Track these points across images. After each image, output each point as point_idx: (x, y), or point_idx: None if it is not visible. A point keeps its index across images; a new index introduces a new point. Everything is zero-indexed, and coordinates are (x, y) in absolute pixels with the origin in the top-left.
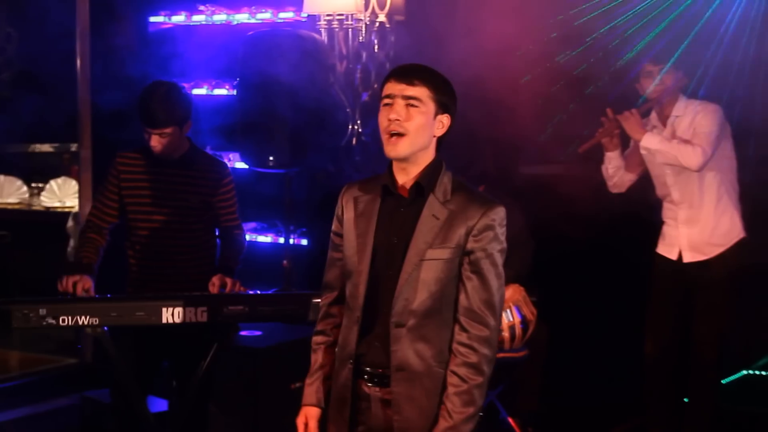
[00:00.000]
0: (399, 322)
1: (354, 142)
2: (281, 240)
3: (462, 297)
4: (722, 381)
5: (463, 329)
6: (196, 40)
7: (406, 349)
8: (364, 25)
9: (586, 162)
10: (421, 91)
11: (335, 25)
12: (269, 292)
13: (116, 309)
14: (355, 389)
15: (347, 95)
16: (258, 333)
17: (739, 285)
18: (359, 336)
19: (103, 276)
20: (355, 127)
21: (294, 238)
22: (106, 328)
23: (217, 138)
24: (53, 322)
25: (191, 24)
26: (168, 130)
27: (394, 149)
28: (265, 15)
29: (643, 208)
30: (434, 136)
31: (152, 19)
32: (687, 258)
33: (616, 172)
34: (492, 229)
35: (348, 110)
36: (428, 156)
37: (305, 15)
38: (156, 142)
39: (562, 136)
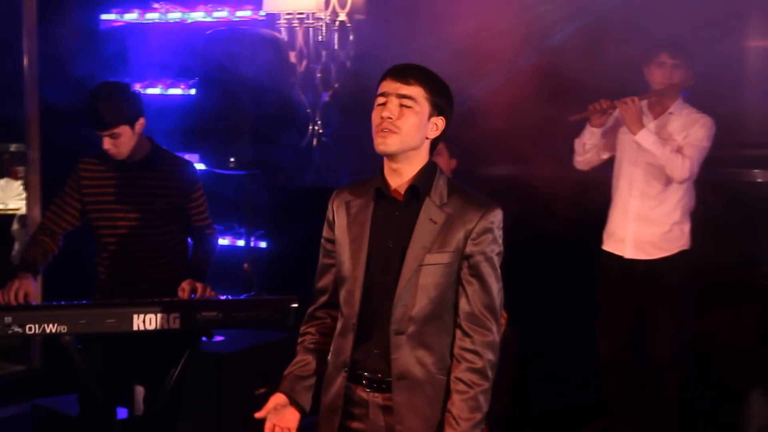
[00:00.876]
0: (399, 330)
1: (315, 143)
2: (241, 243)
3: (463, 302)
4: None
5: (467, 334)
6: (149, 39)
7: (406, 357)
8: (324, 24)
9: (553, 162)
10: (416, 91)
11: (296, 24)
12: (242, 297)
13: (85, 316)
14: (349, 395)
15: (308, 95)
16: (221, 338)
17: (686, 289)
18: (355, 343)
19: (71, 285)
20: (316, 127)
21: (254, 241)
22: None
23: (174, 139)
24: (19, 330)
25: (144, 22)
26: (117, 130)
27: (383, 143)
28: (222, 13)
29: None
30: (427, 138)
31: (103, 16)
32: (628, 254)
33: (591, 149)
34: (491, 232)
35: (309, 110)
36: (421, 158)
37: (264, 13)
38: (109, 144)
39: (528, 136)
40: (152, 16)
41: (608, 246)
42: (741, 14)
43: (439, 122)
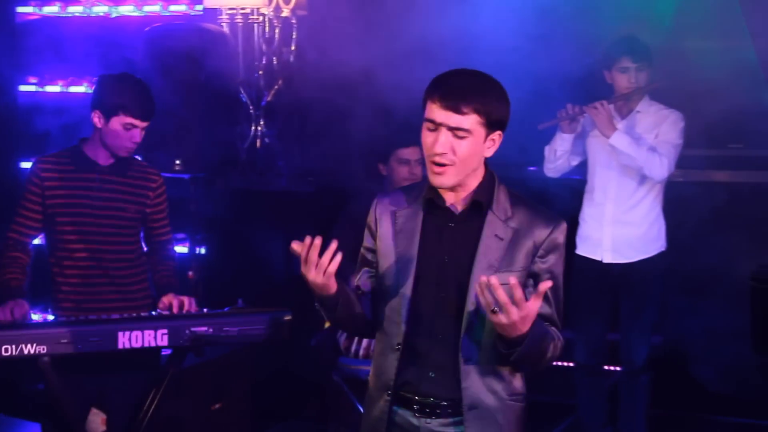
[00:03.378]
0: (468, 357)
1: (258, 144)
2: (183, 249)
3: None
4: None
5: None
6: (71, 33)
7: (477, 386)
8: (267, 20)
9: None
10: (470, 120)
11: (238, 20)
12: (226, 310)
13: (66, 335)
14: (393, 419)
15: (250, 95)
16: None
17: (661, 291)
18: (401, 364)
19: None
20: (258, 128)
21: (197, 248)
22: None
23: None
24: None
25: (65, 15)
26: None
27: (439, 179)
28: (154, 8)
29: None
30: (485, 156)
31: (19, 9)
32: (607, 259)
33: (562, 155)
34: (559, 249)
35: (251, 110)
36: (478, 175)
37: (201, 8)
38: (138, 137)
39: None
40: (75, 10)
41: (583, 250)
42: None
43: (497, 137)
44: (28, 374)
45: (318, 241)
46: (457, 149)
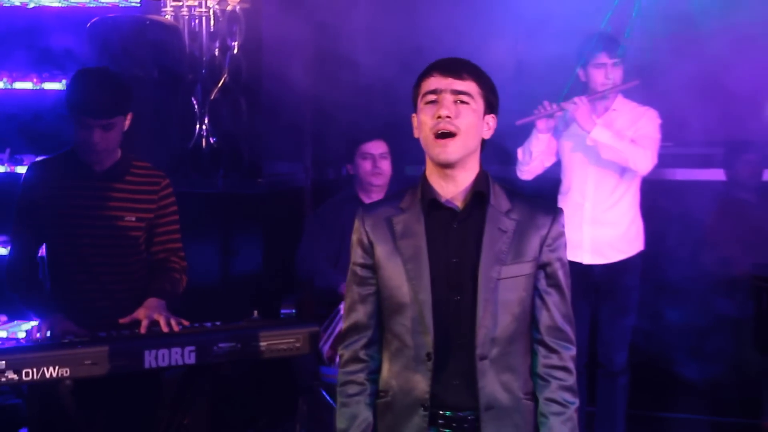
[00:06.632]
0: (483, 354)
1: (203, 144)
2: None
3: (544, 315)
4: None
5: (552, 350)
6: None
7: (493, 384)
8: (212, 13)
9: None
10: (471, 86)
11: (184, 13)
12: (240, 323)
13: (90, 356)
14: None
15: (195, 92)
16: None
17: (639, 293)
18: (434, 375)
19: None
20: (203, 126)
21: None
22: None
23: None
24: (15, 377)
25: None
26: (113, 121)
27: (444, 151)
28: None
29: None
30: (483, 138)
31: None
32: (587, 260)
33: (538, 156)
34: (563, 236)
35: (196, 109)
36: (476, 162)
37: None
38: (99, 137)
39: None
40: None
41: None
42: None
43: (491, 121)
44: None
45: None
46: (461, 114)
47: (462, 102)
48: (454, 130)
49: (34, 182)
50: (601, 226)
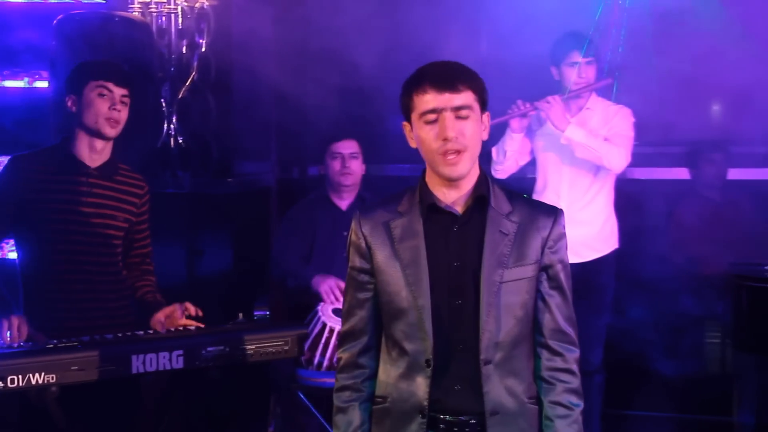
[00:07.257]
0: (487, 359)
1: (172, 144)
2: None
3: (546, 317)
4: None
5: (556, 353)
6: None
7: (497, 389)
8: (180, 10)
9: None
10: (468, 97)
11: (152, 9)
12: (228, 326)
13: (77, 362)
14: None
15: (164, 90)
16: None
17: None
18: (432, 381)
19: None
20: (172, 125)
21: None
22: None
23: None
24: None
25: None
26: (130, 94)
27: (455, 169)
28: None
29: None
30: (483, 140)
31: None
32: None
33: (512, 155)
34: (564, 237)
35: (164, 108)
36: (477, 164)
37: None
38: (120, 106)
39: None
40: None
41: None
42: None
43: (485, 118)
44: None
45: None
46: (465, 130)
47: (462, 118)
48: (462, 148)
49: (13, 177)
50: (576, 225)
